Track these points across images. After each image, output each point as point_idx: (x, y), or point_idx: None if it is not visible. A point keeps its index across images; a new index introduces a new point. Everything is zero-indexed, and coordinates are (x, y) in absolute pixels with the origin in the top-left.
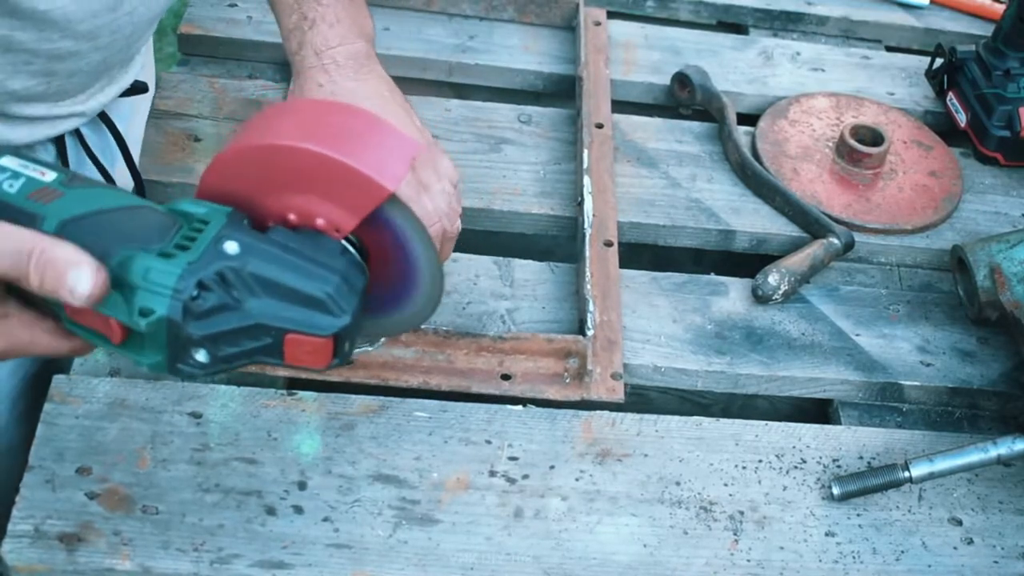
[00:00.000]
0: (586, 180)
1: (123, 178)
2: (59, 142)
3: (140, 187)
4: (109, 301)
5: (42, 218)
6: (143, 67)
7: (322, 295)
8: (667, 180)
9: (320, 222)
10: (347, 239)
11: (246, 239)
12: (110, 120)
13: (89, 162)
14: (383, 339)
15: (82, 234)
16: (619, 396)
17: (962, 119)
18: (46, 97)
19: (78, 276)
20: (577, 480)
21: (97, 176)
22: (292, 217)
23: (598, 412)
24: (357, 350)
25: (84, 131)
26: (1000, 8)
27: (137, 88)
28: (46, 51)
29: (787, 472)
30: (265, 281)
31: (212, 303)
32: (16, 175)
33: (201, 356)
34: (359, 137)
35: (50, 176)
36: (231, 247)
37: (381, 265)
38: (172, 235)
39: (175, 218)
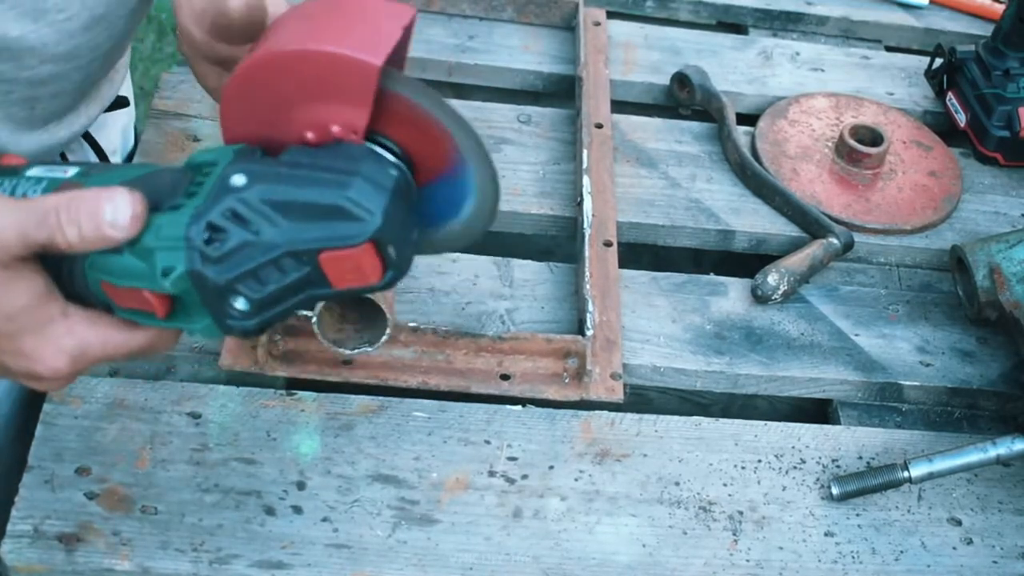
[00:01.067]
0: (585, 180)
1: None
2: None
3: None
4: (137, 273)
5: None
6: (123, 81)
7: (342, 201)
8: (667, 180)
9: (336, 129)
10: (381, 144)
11: (254, 168)
12: (92, 138)
13: None
14: (384, 339)
15: None
16: (618, 396)
17: (962, 119)
18: (32, 123)
19: (114, 205)
20: (576, 480)
21: None
22: (310, 135)
23: (597, 412)
24: (356, 350)
25: (66, 151)
26: (1000, 8)
27: (119, 103)
28: (26, 78)
29: (786, 472)
30: (279, 204)
31: (231, 243)
32: (39, 180)
33: (240, 304)
34: (340, 20)
35: (71, 171)
36: (238, 180)
37: (427, 160)
38: (183, 188)
39: (187, 171)
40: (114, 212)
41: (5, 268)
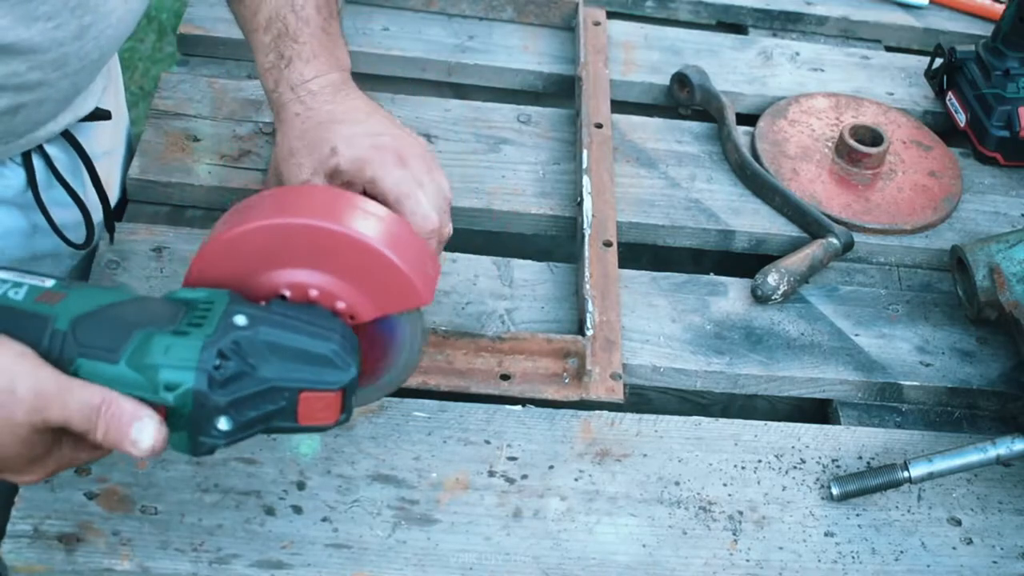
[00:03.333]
0: (585, 180)
1: (92, 202)
2: (27, 164)
3: (108, 213)
4: (131, 383)
5: (54, 317)
6: (105, 91)
7: (328, 352)
8: (666, 180)
9: (313, 294)
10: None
11: (252, 311)
12: (78, 143)
13: (57, 184)
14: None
15: (96, 327)
16: (618, 396)
17: (961, 119)
18: (11, 132)
19: (140, 428)
20: (576, 480)
21: (65, 197)
22: (287, 292)
23: (597, 412)
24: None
25: (51, 151)
26: (1000, 8)
27: (98, 115)
28: (14, 84)
29: (786, 472)
30: (275, 346)
31: (231, 371)
32: (18, 284)
33: (223, 424)
34: (394, 235)
35: (49, 282)
36: (240, 319)
37: (365, 340)
38: (181, 317)
39: (178, 304)
40: (138, 434)
41: (21, 428)
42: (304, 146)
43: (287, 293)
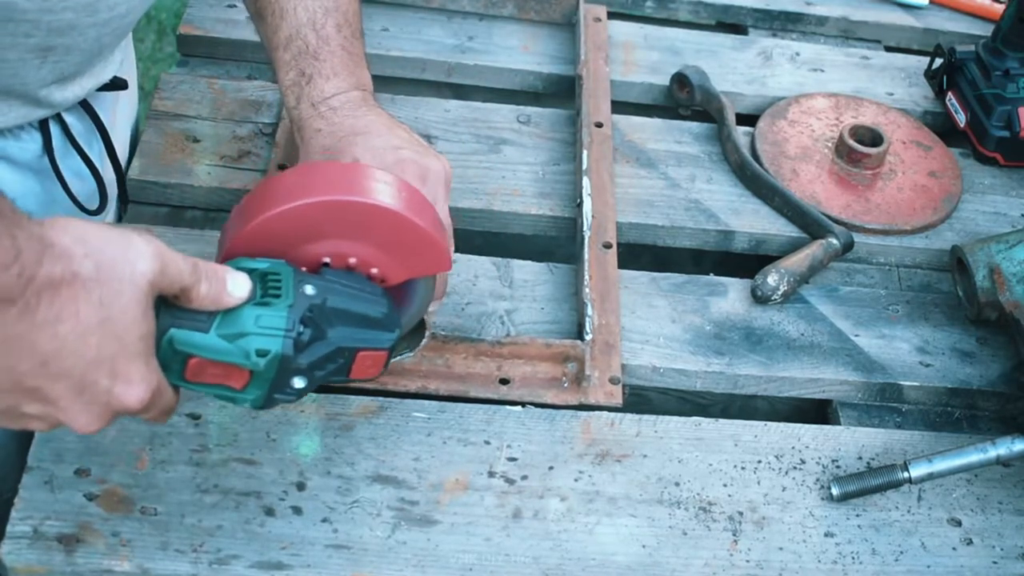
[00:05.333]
0: (585, 181)
1: (107, 172)
2: (44, 130)
3: (123, 184)
4: (225, 351)
5: None
6: (122, 63)
7: (380, 315)
8: (666, 181)
9: (352, 261)
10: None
11: (317, 281)
12: (94, 112)
13: (75, 152)
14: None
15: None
16: (617, 400)
17: (961, 119)
18: (37, 80)
19: (234, 279)
20: (576, 481)
21: (80, 166)
22: (327, 260)
23: (597, 413)
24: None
25: (68, 119)
26: (999, 8)
27: (117, 84)
28: (47, 22)
29: (786, 473)
30: (339, 312)
31: (309, 336)
32: None
33: (299, 382)
34: (421, 206)
35: None
36: (310, 289)
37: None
38: (256, 288)
39: (249, 275)
40: (234, 285)
41: (147, 297)
42: (327, 159)
43: (328, 260)
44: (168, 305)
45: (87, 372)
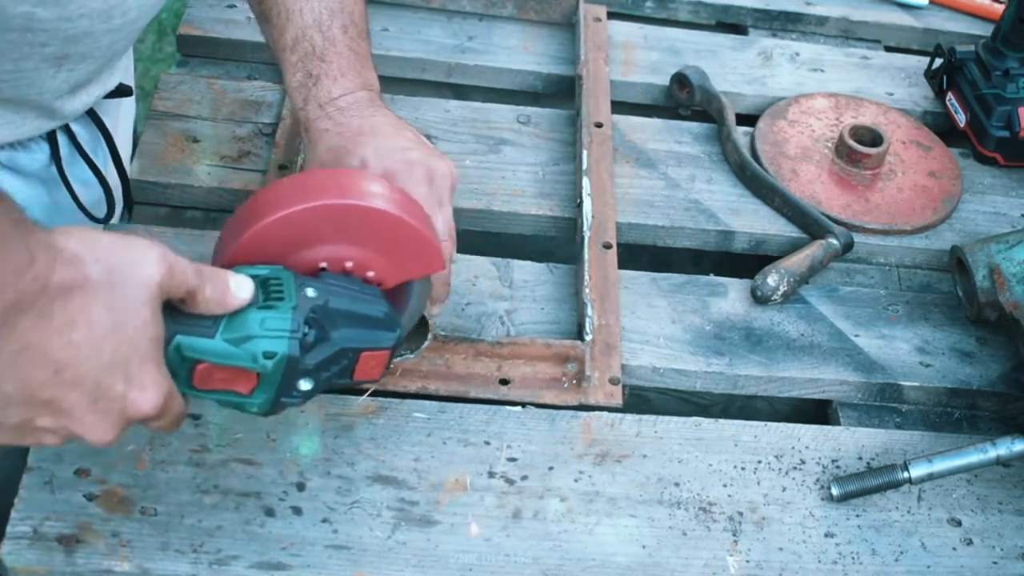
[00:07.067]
0: (585, 182)
1: (112, 178)
2: (51, 140)
3: (127, 189)
4: (231, 355)
5: None
6: (126, 69)
7: (382, 315)
8: (666, 181)
9: (348, 265)
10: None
11: (317, 284)
12: (100, 120)
13: (81, 160)
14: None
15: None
16: (617, 401)
17: (961, 119)
18: (52, 89)
19: (238, 282)
20: (576, 481)
21: (86, 174)
22: (324, 264)
23: (597, 413)
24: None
25: (75, 128)
26: (999, 8)
27: (122, 91)
28: (64, 31)
29: (786, 473)
30: (341, 312)
31: (314, 337)
32: None
33: (305, 384)
34: (414, 210)
35: None
36: (311, 292)
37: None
38: (258, 293)
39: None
40: (237, 287)
41: (157, 299)
42: (334, 158)
43: (324, 265)
44: (172, 312)
45: (101, 378)
